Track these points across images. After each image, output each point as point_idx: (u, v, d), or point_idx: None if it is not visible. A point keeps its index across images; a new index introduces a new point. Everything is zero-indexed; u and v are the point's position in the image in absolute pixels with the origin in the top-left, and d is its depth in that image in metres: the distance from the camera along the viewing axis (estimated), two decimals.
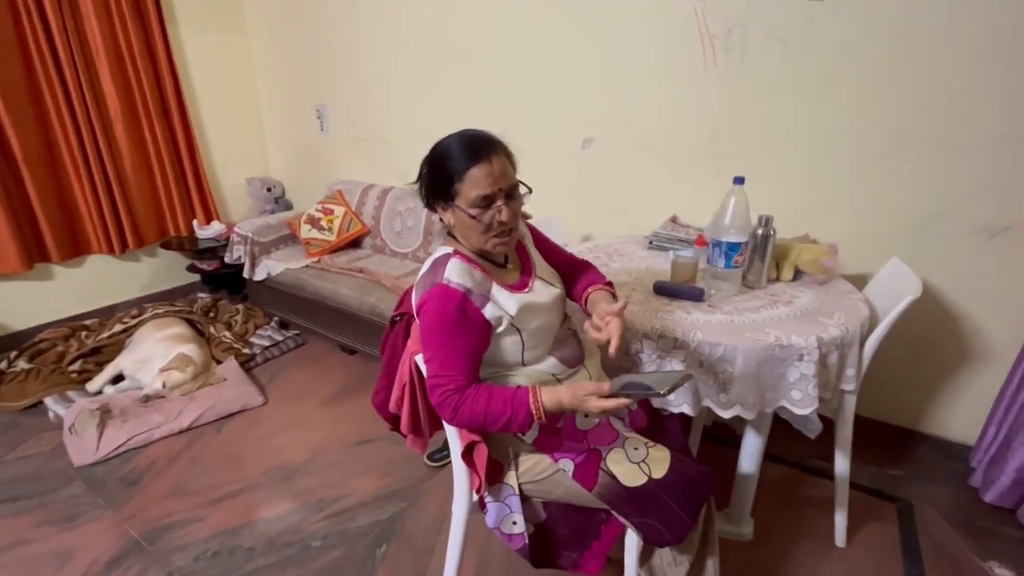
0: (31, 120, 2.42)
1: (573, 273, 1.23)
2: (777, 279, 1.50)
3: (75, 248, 2.68)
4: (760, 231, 1.39)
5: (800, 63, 1.68)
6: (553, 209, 2.08)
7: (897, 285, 1.36)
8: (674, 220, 1.95)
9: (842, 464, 1.44)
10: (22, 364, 2.30)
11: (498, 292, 1.02)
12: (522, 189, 1.03)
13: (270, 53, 3.12)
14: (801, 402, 1.18)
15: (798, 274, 1.51)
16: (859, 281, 1.55)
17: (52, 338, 2.46)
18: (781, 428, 1.44)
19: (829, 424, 1.39)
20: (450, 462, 1.80)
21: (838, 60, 1.63)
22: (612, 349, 0.96)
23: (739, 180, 1.34)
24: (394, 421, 1.24)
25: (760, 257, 1.41)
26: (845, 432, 1.40)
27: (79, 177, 2.58)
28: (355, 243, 2.82)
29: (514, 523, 1.06)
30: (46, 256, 2.58)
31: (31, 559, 1.50)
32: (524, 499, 1.07)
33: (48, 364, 2.29)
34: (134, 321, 2.49)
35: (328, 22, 2.77)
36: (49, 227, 2.53)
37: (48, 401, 2.13)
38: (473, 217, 0.98)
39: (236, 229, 2.74)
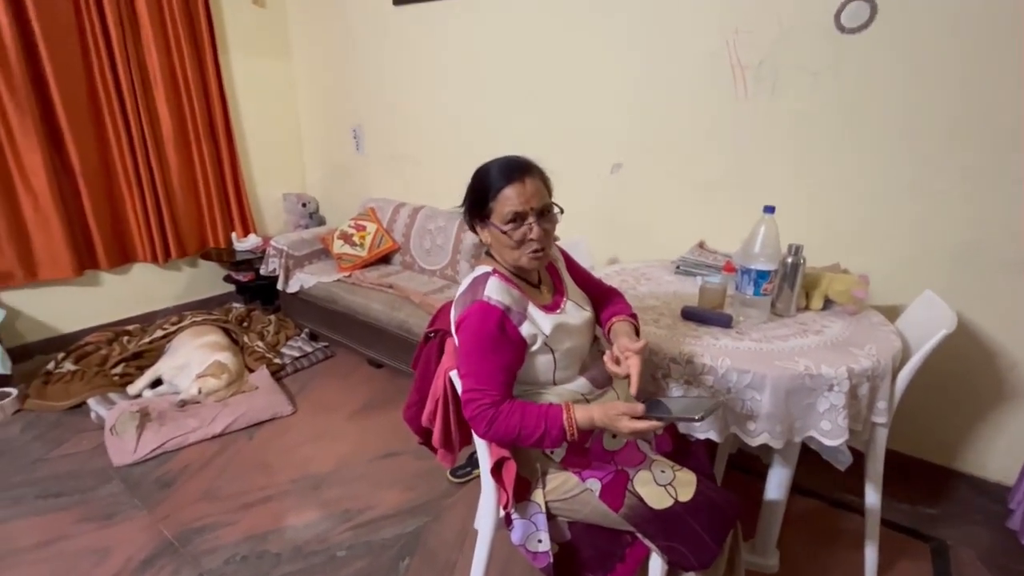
0: (92, 139, 2.60)
1: (601, 299, 1.26)
2: (807, 308, 1.50)
3: (122, 256, 2.83)
4: (790, 259, 1.40)
5: (831, 94, 1.70)
6: (580, 232, 2.11)
7: (931, 318, 1.35)
8: (702, 246, 1.97)
9: (873, 498, 1.41)
10: (68, 365, 2.41)
11: (534, 311, 1.06)
12: (555, 210, 1.08)
13: (312, 76, 3.27)
14: (831, 433, 1.17)
15: (828, 304, 1.50)
16: (891, 313, 1.53)
17: (97, 341, 2.58)
18: (809, 458, 1.42)
19: (859, 457, 1.37)
20: (472, 479, 1.84)
21: (869, 91, 1.64)
22: (633, 389, 0.98)
23: (769, 209, 1.36)
24: (424, 435, 1.27)
25: (790, 285, 1.42)
26: (876, 465, 1.37)
27: (131, 191, 2.74)
28: (385, 259, 2.89)
29: (539, 541, 1.08)
30: (96, 263, 2.72)
31: (71, 554, 1.56)
32: (550, 517, 1.08)
33: (92, 366, 2.40)
34: (173, 328, 2.59)
35: (367, 47, 2.90)
36: (100, 236, 2.68)
37: (91, 402, 2.23)
38: (505, 233, 1.03)
39: (272, 242, 2.85)
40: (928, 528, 1.68)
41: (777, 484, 1.39)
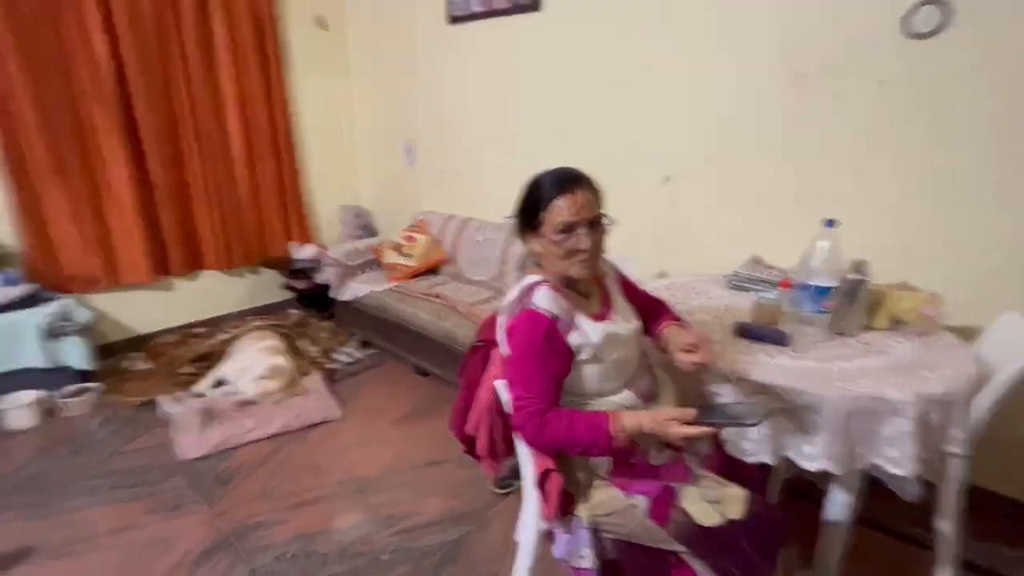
0: (169, 157, 2.81)
1: (651, 312, 1.25)
2: (870, 327, 1.41)
3: (193, 263, 3.03)
4: (852, 275, 1.33)
5: (899, 102, 1.62)
6: (630, 245, 2.08)
7: (1014, 340, 1.25)
8: (756, 260, 1.90)
9: (947, 534, 1.31)
10: (143, 364, 2.60)
11: (582, 321, 1.06)
12: (606, 221, 1.08)
13: (369, 93, 3.42)
14: (897, 461, 1.10)
15: (895, 323, 1.41)
16: (968, 334, 1.42)
17: (168, 343, 2.76)
18: (874, 487, 1.33)
19: (930, 488, 1.27)
20: (516, 490, 1.83)
21: (945, 98, 1.55)
22: (701, 357, 1.04)
23: (830, 223, 1.31)
24: (469, 444, 1.28)
25: (852, 303, 1.35)
26: (950, 498, 1.27)
27: (202, 204, 2.95)
28: (434, 270, 2.96)
29: (583, 557, 1.06)
30: (169, 270, 2.93)
31: (140, 543, 1.67)
32: (594, 533, 1.07)
33: (164, 366, 2.58)
34: (236, 332, 2.74)
35: (422, 64, 3.01)
36: (174, 245, 2.89)
37: (161, 399, 2.39)
38: (555, 243, 1.04)
39: (328, 253, 2.97)
40: (1008, 570, 1.53)
41: (836, 512, 1.31)
